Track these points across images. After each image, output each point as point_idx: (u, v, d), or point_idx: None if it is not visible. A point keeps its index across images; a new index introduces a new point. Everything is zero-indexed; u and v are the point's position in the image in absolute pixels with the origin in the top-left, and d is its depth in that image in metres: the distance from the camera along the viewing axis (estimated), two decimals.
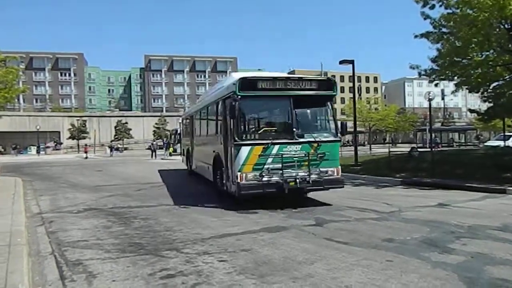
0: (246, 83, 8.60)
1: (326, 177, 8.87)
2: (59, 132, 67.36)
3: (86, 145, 49.41)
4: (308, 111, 9.66)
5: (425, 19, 15.85)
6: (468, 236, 6.21)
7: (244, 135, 8.67)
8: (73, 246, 6.06)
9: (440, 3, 15.38)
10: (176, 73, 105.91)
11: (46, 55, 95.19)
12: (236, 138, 8.45)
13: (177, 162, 28.04)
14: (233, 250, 5.64)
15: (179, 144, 38.69)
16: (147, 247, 5.90)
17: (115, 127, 69.51)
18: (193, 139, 15.38)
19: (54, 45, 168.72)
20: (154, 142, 42.54)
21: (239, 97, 8.42)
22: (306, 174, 8.65)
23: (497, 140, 29.03)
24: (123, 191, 12.77)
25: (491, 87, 16.15)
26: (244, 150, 8.40)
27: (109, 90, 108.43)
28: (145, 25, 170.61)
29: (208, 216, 8.22)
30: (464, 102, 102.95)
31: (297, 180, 8.53)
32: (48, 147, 61.02)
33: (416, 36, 16.04)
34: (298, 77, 9.18)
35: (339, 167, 9.15)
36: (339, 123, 9.42)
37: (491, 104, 17.15)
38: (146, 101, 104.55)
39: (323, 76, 10.14)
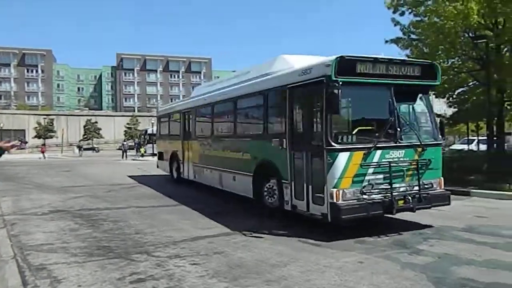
0: (345, 65, 6.32)
1: (432, 192, 6.91)
2: (24, 130, 64.92)
3: (43, 144, 47.57)
4: (408, 105, 7.47)
5: (395, 25, 16.37)
6: (436, 237, 6.38)
7: (340, 137, 6.43)
8: (37, 250, 5.81)
9: (410, 11, 15.92)
10: (149, 73, 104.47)
11: (11, 50, 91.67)
12: (331, 141, 6.19)
13: (151, 163, 27.58)
14: (205, 253, 5.57)
15: (149, 145, 38.14)
16: (116, 251, 5.74)
17: (84, 126, 67.87)
18: (190, 141, 12.58)
19: (21, 41, 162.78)
20: (125, 143, 41.67)
21: (340, 83, 6.10)
22: (414, 189, 6.72)
23: (461, 144, 30.13)
24: (91, 192, 12.40)
25: (456, 93, 16.78)
26: (342, 158, 6.18)
27: (78, 89, 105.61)
28: (117, 23, 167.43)
29: (180, 218, 8.10)
30: None
31: (407, 198, 6.53)
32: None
33: (387, 41, 16.52)
34: (401, 60, 7.27)
35: (442, 178, 7.28)
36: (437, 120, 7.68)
37: (456, 109, 17.85)
38: (118, 100, 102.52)
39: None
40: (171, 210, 9.15)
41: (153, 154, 35.60)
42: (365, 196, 6.28)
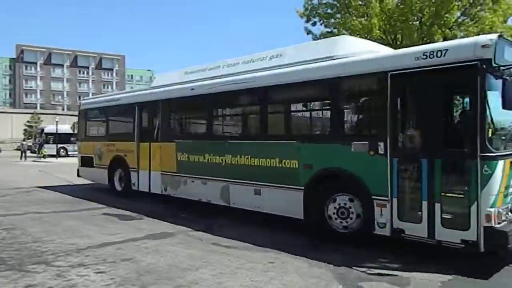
0: (500, 48, 4.92)
1: None
2: None
3: None
4: None
5: (308, 34, 17.32)
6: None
7: (494, 141, 4.98)
8: None
9: (321, 22, 16.99)
10: (55, 67, 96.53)
11: None
12: (488, 145, 4.82)
13: (53, 165, 25.51)
14: (113, 260, 5.28)
15: (48, 146, 35.31)
16: (9, 262, 5.17)
17: None
18: (156, 143, 9.94)
19: None
20: (24, 142, 37.87)
21: None
22: None
23: None
24: None
25: None
26: (500, 167, 4.86)
27: None
28: (18, 12, 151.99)
29: (86, 224, 7.59)
30: None
31: None
32: None
33: None
34: None
35: None
36: None
37: None
38: (17, 96, 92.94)
39: None
40: (75, 215, 8.52)
41: (53, 156, 33.00)
42: (510, 216, 5.04)
